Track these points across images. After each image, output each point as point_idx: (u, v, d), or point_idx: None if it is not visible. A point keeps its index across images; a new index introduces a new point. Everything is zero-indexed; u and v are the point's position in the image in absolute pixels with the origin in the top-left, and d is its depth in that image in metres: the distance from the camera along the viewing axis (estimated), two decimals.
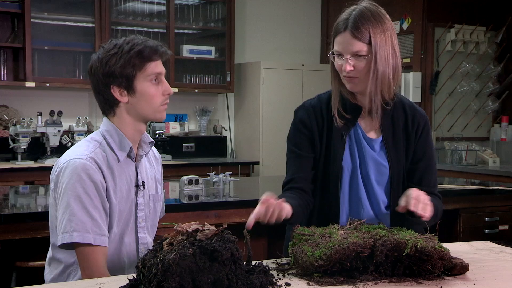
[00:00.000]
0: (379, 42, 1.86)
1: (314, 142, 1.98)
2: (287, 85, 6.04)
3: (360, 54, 1.86)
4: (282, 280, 1.56)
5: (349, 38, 1.86)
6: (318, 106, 2.01)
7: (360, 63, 1.87)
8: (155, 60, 1.87)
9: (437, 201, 1.97)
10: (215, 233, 1.43)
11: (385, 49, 1.87)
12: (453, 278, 1.60)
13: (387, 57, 1.88)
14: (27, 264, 2.61)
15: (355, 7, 1.90)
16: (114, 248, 1.89)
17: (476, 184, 3.91)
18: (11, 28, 5.18)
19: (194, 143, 6.01)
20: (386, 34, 1.88)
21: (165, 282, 1.33)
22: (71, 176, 1.79)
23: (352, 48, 1.86)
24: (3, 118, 5.12)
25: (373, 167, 1.96)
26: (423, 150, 1.99)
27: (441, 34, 5.72)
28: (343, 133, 1.96)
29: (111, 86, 1.86)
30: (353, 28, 1.85)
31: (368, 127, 1.98)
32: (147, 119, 1.92)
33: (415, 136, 1.99)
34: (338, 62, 1.91)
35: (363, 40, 1.85)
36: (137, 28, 5.66)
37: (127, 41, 1.87)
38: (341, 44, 1.88)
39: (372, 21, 1.86)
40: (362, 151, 1.96)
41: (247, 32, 6.38)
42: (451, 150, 5.64)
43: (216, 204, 3.04)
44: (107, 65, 1.85)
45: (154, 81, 1.87)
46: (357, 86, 1.91)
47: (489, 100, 5.91)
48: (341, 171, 1.94)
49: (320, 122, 1.99)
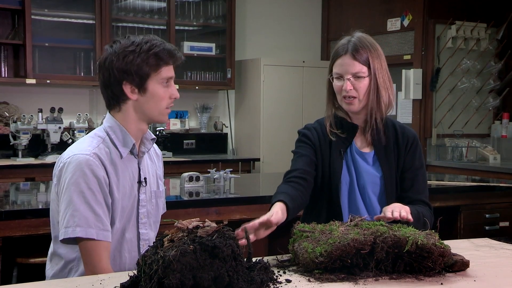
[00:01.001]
0: (376, 65, 2.07)
1: (316, 152, 2.14)
2: (288, 82, 6.03)
3: (360, 75, 2.05)
4: (282, 276, 1.56)
5: (349, 60, 2.05)
6: (318, 128, 2.19)
7: (360, 83, 2.05)
8: (170, 64, 1.89)
9: (423, 208, 2.07)
10: (215, 230, 1.43)
11: (382, 72, 2.08)
12: (454, 275, 1.60)
13: (385, 79, 2.09)
14: (28, 260, 2.61)
15: (353, 35, 2.10)
16: (115, 244, 1.89)
17: (476, 181, 3.91)
18: (11, 24, 5.17)
19: (195, 140, 6.01)
20: (381, 60, 2.09)
21: (166, 278, 1.33)
22: (74, 172, 1.79)
23: (352, 69, 2.05)
24: (4, 115, 5.12)
25: (368, 179, 2.11)
26: (411, 161, 2.15)
27: (442, 31, 5.71)
28: (341, 150, 2.12)
29: (123, 82, 1.86)
30: (353, 51, 2.05)
31: (362, 143, 2.16)
32: (151, 119, 1.93)
33: (404, 149, 2.15)
34: (338, 83, 2.08)
35: (362, 62, 2.05)
36: (138, 24, 5.65)
37: (146, 40, 1.87)
38: (341, 66, 2.06)
39: (370, 47, 2.07)
40: (357, 165, 2.12)
41: (247, 28, 6.38)
42: (452, 147, 5.64)
43: (217, 201, 3.04)
44: (123, 61, 1.85)
45: (164, 83, 1.89)
46: (355, 106, 2.08)
47: (489, 97, 5.91)
48: (340, 185, 2.10)
49: (322, 140, 2.16)
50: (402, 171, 2.14)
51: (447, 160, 5.62)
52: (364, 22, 6.03)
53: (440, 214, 1.99)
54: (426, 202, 2.14)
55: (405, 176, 2.14)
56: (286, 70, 6.04)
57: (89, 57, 5.43)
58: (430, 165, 5.61)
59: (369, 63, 2.05)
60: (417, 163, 2.16)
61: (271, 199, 1.97)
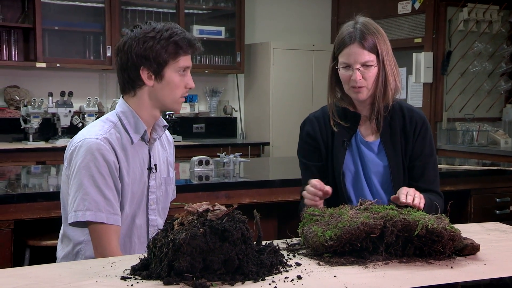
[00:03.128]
0: (384, 51, 2.01)
1: (321, 151, 2.12)
2: (298, 66, 6.01)
3: (369, 64, 1.99)
4: (292, 260, 1.57)
5: (357, 49, 1.99)
6: (321, 117, 2.14)
7: (369, 72, 2.00)
8: (188, 54, 1.89)
9: (435, 197, 2.04)
10: (225, 213, 1.43)
11: (389, 58, 2.02)
12: (464, 259, 1.60)
13: (391, 65, 2.03)
14: (40, 243, 2.64)
15: (356, 21, 2.03)
16: (125, 229, 1.91)
17: (487, 165, 3.89)
18: (21, 8, 5.17)
19: (204, 124, 6.01)
20: (387, 45, 2.03)
21: (176, 261, 1.34)
22: (85, 156, 1.80)
23: (361, 59, 1.99)
24: (15, 99, 5.15)
25: (374, 168, 2.07)
26: (421, 148, 2.09)
27: (453, 14, 5.65)
28: (344, 140, 2.08)
29: (141, 67, 1.86)
30: (361, 38, 1.98)
31: (367, 131, 2.11)
32: (165, 107, 1.94)
33: (413, 135, 2.09)
34: (345, 73, 2.02)
35: (370, 50, 1.99)
36: (147, 8, 5.64)
37: (167, 27, 1.87)
38: (350, 55, 2.00)
39: (376, 33, 2.01)
40: (363, 155, 2.08)
41: (257, 12, 6.34)
42: (463, 130, 5.61)
43: (227, 184, 3.05)
44: (143, 46, 1.84)
45: (181, 72, 1.89)
46: (364, 94, 2.03)
47: (501, 80, 5.85)
48: (343, 176, 2.07)
49: (324, 132, 2.12)
50: (411, 159, 2.08)
51: (457, 144, 5.60)
52: (374, 5, 5.97)
53: (451, 198, 1.98)
54: (438, 192, 2.09)
55: (415, 164, 2.08)
56: (295, 53, 6.01)
57: (99, 40, 5.43)
58: (441, 149, 5.59)
59: (377, 50, 2.00)
60: (427, 150, 2.10)
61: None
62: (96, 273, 1.44)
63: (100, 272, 1.45)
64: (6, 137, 5.08)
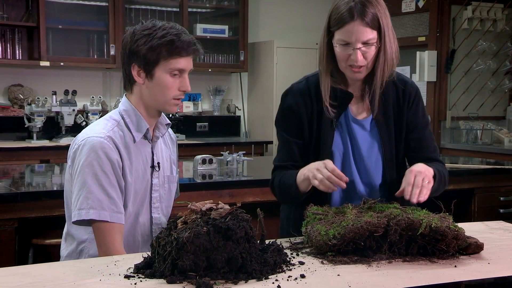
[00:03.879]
0: (385, 26, 1.84)
1: (303, 128, 1.97)
2: (301, 64, 6.00)
3: (370, 43, 1.83)
4: (295, 259, 1.57)
5: (360, 27, 1.81)
6: (306, 91, 1.98)
7: (370, 51, 1.84)
8: (183, 56, 1.85)
9: (440, 166, 1.95)
10: (229, 212, 1.43)
11: (389, 31, 1.86)
12: (468, 257, 1.59)
13: (391, 41, 1.87)
14: (43, 241, 2.64)
15: None
16: (129, 228, 1.91)
17: (491, 164, 3.88)
18: (25, 7, 5.18)
19: (208, 123, 6.01)
20: (387, 16, 1.86)
21: (180, 260, 1.34)
22: (88, 154, 1.80)
23: (363, 37, 1.82)
24: (18, 97, 5.16)
25: (365, 146, 1.96)
26: (415, 120, 1.99)
27: (457, 12, 5.63)
28: (333, 120, 1.94)
29: (132, 64, 1.87)
30: (363, 15, 1.80)
31: (358, 109, 1.98)
32: (157, 107, 1.91)
33: (406, 108, 1.98)
34: (343, 52, 1.85)
35: (373, 27, 1.82)
36: (151, 7, 5.64)
37: (164, 27, 1.85)
38: (351, 34, 1.82)
39: (377, 5, 1.83)
40: (353, 133, 1.96)
41: (260, 10, 6.34)
42: (467, 129, 5.59)
43: (230, 183, 3.05)
44: (136, 43, 1.85)
45: (173, 74, 1.86)
46: (362, 74, 1.89)
47: (505, 78, 5.84)
48: (331, 157, 1.93)
49: (310, 107, 1.96)
50: (406, 132, 1.98)
51: (461, 143, 5.58)
52: None
53: (454, 197, 1.97)
54: (440, 160, 2.00)
55: (411, 137, 1.98)
56: (299, 52, 6.01)
57: (102, 39, 5.43)
58: (444, 148, 5.58)
59: (379, 25, 1.82)
60: (421, 121, 1.99)
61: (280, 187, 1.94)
62: (99, 272, 1.44)
63: (104, 271, 1.45)
64: (10, 135, 5.09)
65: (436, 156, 2.01)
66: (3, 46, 5.08)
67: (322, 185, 1.74)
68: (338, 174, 1.73)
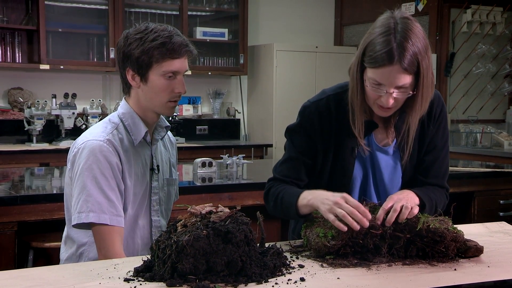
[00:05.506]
0: (425, 70, 1.68)
1: (317, 150, 1.86)
2: (301, 67, 6.01)
3: (405, 87, 1.68)
4: (295, 262, 1.57)
5: (397, 73, 1.65)
6: (326, 110, 1.85)
7: (402, 95, 1.70)
8: (176, 58, 1.83)
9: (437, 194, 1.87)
10: (228, 215, 1.43)
11: (428, 74, 1.70)
12: (468, 261, 1.59)
13: (428, 84, 1.72)
14: (43, 244, 2.64)
15: (395, 26, 1.66)
16: (128, 231, 1.91)
17: (491, 167, 3.88)
18: (25, 10, 5.18)
19: (208, 126, 6.01)
20: (428, 56, 1.69)
21: (179, 263, 1.34)
22: (88, 157, 1.80)
23: (399, 82, 1.66)
24: (18, 101, 5.16)
25: (388, 171, 1.87)
26: (435, 140, 1.88)
27: (457, 15, 5.64)
28: (354, 147, 1.84)
29: (126, 68, 1.87)
30: (402, 59, 1.63)
31: (382, 135, 1.87)
32: (154, 110, 1.90)
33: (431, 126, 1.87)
34: (375, 92, 1.71)
35: (411, 72, 1.66)
36: (151, 10, 5.64)
37: (155, 30, 1.83)
38: (386, 78, 1.66)
39: (418, 46, 1.65)
40: (376, 160, 1.87)
41: (260, 14, 6.34)
42: (466, 132, 5.60)
43: (230, 186, 3.05)
44: (129, 46, 1.84)
45: (167, 76, 1.84)
46: (389, 113, 1.78)
47: (505, 82, 5.84)
48: (351, 183, 1.86)
49: (327, 129, 1.85)
50: (424, 152, 1.88)
51: (461, 146, 5.58)
52: (378, 6, 5.94)
53: (454, 200, 1.97)
54: (443, 185, 1.91)
55: (425, 158, 1.88)
56: (299, 55, 6.01)
57: (102, 42, 5.43)
58: None
59: (418, 70, 1.66)
60: (440, 142, 1.88)
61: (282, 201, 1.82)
62: (99, 275, 1.44)
63: (103, 274, 1.45)
64: (10, 138, 5.09)
65: (442, 182, 1.91)
66: (3, 49, 5.08)
67: (341, 221, 1.57)
68: (363, 211, 1.57)
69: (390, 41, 1.64)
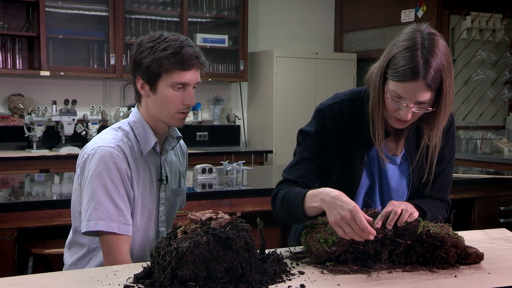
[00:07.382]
0: (448, 86, 1.68)
1: (328, 153, 1.86)
2: (301, 74, 6.01)
3: (425, 102, 1.68)
4: (295, 268, 1.56)
5: (420, 88, 1.64)
6: (339, 115, 1.84)
7: (421, 110, 1.70)
8: (185, 70, 1.81)
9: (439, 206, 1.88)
10: (228, 222, 1.43)
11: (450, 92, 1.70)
12: (468, 267, 1.59)
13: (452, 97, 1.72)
14: (43, 251, 2.64)
15: (423, 42, 1.66)
16: (139, 243, 1.89)
17: (491, 173, 3.88)
18: (26, 17, 5.20)
19: (208, 132, 6.02)
20: (451, 74, 1.70)
21: (179, 270, 1.34)
22: (98, 164, 1.79)
23: (420, 98, 1.66)
24: (19, 107, 5.16)
25: (395, 180, 1.88)
26: (442, 154, 1.87)
27: (456, 22, 5.66)
28: (363, 154, 1.85)
29: (137, 76, 1.86)
30: (426, 76, 1.62)
31: (393, 145, 1.88)
32: (162, 120, 1.88)
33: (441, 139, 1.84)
34: (394, 105, 1.69)
35: (434, 88, 1.66)
36: (151, 16, 5.66)
37: (168, 39, 1.81)
38: (408, 92, 1.65)
39: (444, 63, 1.65)
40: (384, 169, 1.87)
41: (260, 20, 6.36)
42: (466, 139, 5.60)
43: (230, 192, 3.04)
44: (140, 54, 1.82)
45: (176, 88, 1.83)
46: (405, 125, 1.77)
47: (505, 88, 5.85)
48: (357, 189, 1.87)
49: (339, 133, 1.84)
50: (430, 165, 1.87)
51: (461, 152, 5.58)
52: (378, 13, 5.98)
53: (454, 206, 1.97)
54: (444, 199, 1.92)
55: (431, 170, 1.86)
56: (299, 62, 6.02)
57: (103, 49, 5.44)
58: None
59: (441, 86, 1.66)
60: (448, 156, 1.89)
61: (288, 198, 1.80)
62: (99, 282, 1.44)
63: (103, 281, 1.45)
64: (10, 145, 5.10)
65: (443, 195, 1.92)
66: (4, 56, 5.09)
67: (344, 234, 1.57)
68: (370, 231, 1.54)
69: (417, 56, 1.63)
